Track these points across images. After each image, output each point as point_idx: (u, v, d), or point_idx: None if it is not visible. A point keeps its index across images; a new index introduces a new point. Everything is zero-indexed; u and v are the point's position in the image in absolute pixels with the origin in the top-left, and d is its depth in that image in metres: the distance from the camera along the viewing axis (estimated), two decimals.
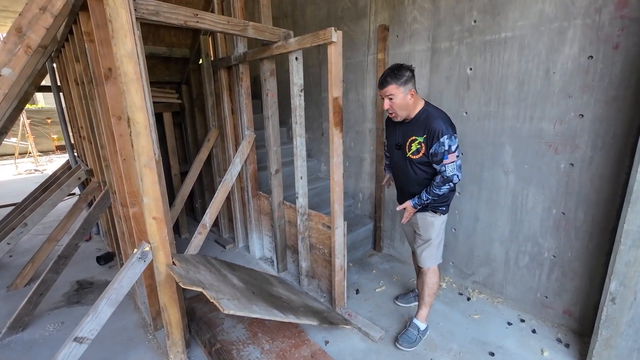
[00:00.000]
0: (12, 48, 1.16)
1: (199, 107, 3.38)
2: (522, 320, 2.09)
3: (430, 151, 1.67)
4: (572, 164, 1.84)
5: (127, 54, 1.37)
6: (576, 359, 1.79)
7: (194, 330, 2.01)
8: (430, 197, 1.72)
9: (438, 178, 1.68)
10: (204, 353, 1.87)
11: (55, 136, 9.72)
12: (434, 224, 1.84)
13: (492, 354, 1.83)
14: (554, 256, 2.00)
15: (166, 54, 3.10)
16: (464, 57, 2.18)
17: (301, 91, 2.09)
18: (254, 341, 1.94)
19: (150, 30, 2.85)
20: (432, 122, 1.65)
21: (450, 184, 1.67)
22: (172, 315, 1.69)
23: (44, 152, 10.00)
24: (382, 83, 1.67)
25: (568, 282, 1.97)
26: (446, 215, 1.87)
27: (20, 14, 1.17)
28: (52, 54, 3.05)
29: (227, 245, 3.23)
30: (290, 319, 1.67)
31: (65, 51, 2.58)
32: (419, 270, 2.04)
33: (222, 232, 3.45)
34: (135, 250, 1.56)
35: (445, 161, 1.63)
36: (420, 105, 1.73)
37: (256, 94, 2.87)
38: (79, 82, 2.36)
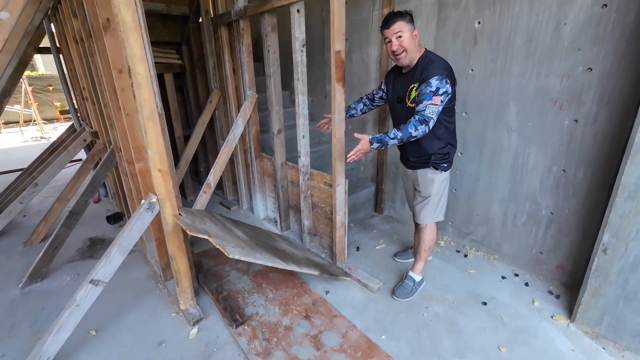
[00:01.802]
0: None
1: (200, 69, 3.32)
2: (516, 275, 2.18)
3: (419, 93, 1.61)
4: (576, 121, 1.82)
5: (125, 1, 1.34)
6: (565, 308, 1.88)
7: (202, 280, 2.13)
8: (400, 134, 1.58)
9: (417, 117, 1.56)
10: (212, 300, 1.99)
11: (58, 104, 9.67)
12: (434, 181, 1.85)
13: (485, 304, 1.93)
14: (552, 213, 2.03)
15: (164, 10, 3.01)
16: (473, 11, 2.09)
17: (303, 46, 2.04)
18: (259, 290, 2.05)
19: None
20: (428, 66, 1.62)
21: (426, 127, 1.55)
22: (181, 264, 1.79)
23: (48, 120, 10.01)
24: (389, 21, 1.61)
25: (564, 238, 2.02)
26: (447, 172, 1.86)
27: None
28: (49, 12, 2.97)
29: (232, 207, 3.31)
30: (292, 267, 1.75)
31: (62, 8, 2.51)
32: (415, 227, 2.09)
33: (227, 194, 3.52)
34: (143, 201, 1.62)
35: (428, 102, 1.54)
36: (421, 52, 1.69)
37: (257, 57, 2.81)
38: (78, 40, 2.33)
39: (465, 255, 2.40)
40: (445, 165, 1.82)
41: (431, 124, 1.56)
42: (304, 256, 2.16)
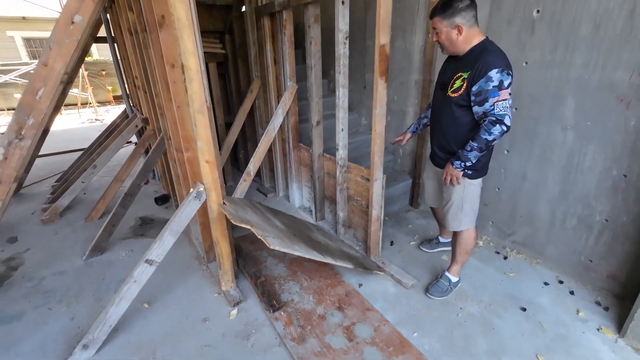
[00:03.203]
0: None
1: (242, 57, 3.39)
2: (561, 282, 2.07)
3: (473, 89, 1.47)
4: None
5: None
6: (614, 321, 1.77)
7: (241, 264, 2.25)
8: (475, 145, 1.51)
9: (487, 120, 1.46)
10: (250, 284, 2.11)
11: (110, 87, 10.36)
12: (456, 186, 1.72)
13: (524, 309, 1.87)
14: (607, 220, 1.89)
15: (209, 1, 3.08)
16: None
17: (346, 39, 2.02)
18: (294, 278, 2.13)
19: None
20: (483, 56, 1.46)
21: (503, 126, 1.44)
22: (224, 248, 1.90)
23: (101, 103, 10.79)
24: (431, 13, 1.56)
25: (618, 247, 1.88)
26: (477, 180, 1.72)
27: None
28: (106, 4, 3.16)
29: (269, 194, 3.42)
30: (328, 260, 1.80)
31: (119, 1, 2.66)
32: (442, 225, 2.07)
33: (264, 181, 3.64)
34: (192, 190, 1.73)
35: (495, 99, 1.42)
36: (477, 40, 1.52)
37: (297, 44, 2.81)
38: (133, 32, 2.47)
39: (505, 257, 2.31)
40: (470, 172, 1.67)
41: (507, 121, 1.44)
42: (338, 248, 2.21)
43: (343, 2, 1.92)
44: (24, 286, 2.19)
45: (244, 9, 3.05)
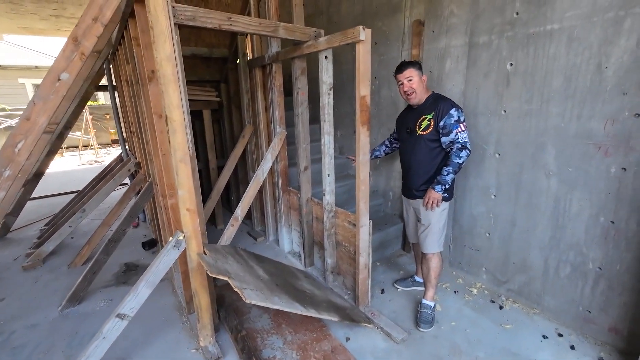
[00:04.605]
0: (69, 55, 1.31)
1: (236, 105, 3.52)
2: (560, 335, 1.95)
3: (440, 124, 1.89)
4: (625, 169, 1.67)
5: (167, 57, 1.48)
6: None
7: (223, 316, 2.14)
8: (450, 169, 1.87)
9: (454, 147, 1.87)
10: (230, 338, 1.98)
11: (112, 130, 10.65)
12: (434, 210, 1.99)
13: None
14: (600, 268, 1.83)
15: (206, 54, 3.27)
16: (505, 52, 2.05)
17: (330, 89, 2.10)
18: (278, 331, 2.01)
19: (192, 32, 3.03)
20: (440, 101, 1.93)
21: (467, 150, 1.86)
22: (203, 300, 1.82)
23: (103, 145, 11.02)
24: (401, 68, 1.95)
25: (615, 297, 1.80)
26: (447, 204, 2.02)
27: (76, 25, 1.32)
28: (109, 56, 3.35)
29: (259, 237, 3.36)
30: (311, 312, 1.71)
31: (119, 54, 2.83)
32: (421, 257, 2.22)
33: (255, 224, 3.59)
34: (171, 238, 1.69)
35: (456, 130, 1.86)
36: (428, 93, 2.01)
37: (289, 91, 2.93)
38: (129, 82, 2.59)
39: (501, 307, 2.20)
40: (447, 195, 1.98)
41: (469, 146, 1.88)
42: (325, 298, 2.11)
43: (326, 57, 2.03)
44: None
45: (238, 61, 3.23)
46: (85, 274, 2.38)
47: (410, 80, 1.93)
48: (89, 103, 10.51)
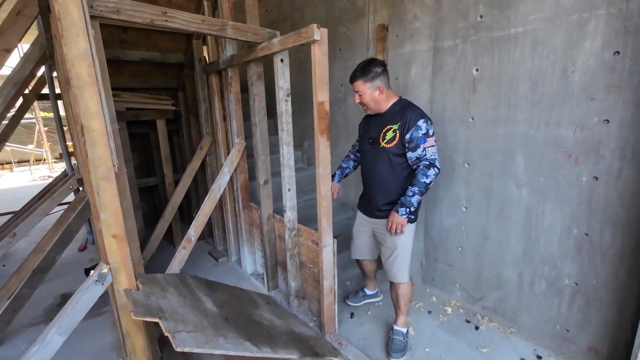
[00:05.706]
0: None
1: (194, 114, 3.27)
2: (539, 357, 1.81)
3: (406, 137, 1.66)
4: (596, 177, 1.58)
5: (80, 55, 1.24)
6: None
7: (166, 358, 1.84)
8: (416, 189, 1.64)
9: (421, 165, 1.64)
10: None
11: (70, 143, 9.95)
12: (399, 235, 1.76)
13: None
14: (576, 283, 1.72)
15: (159, 59, 3.01)
16: (470, 57, 1.96)
17: (288, 96, 1.92)
18: None
19: (141, 36, 2.77)
20: (407, 110, 1.68)
21: (436, 169, 1.64)
22: (137, 342, 1.53)
23: (60, 159, 10.25)
24: (351, 78, 1.72)
25: (594, 314, 1.69)
26: (414, 224, 1.81)
27: None
28: (49, 61, 3.01)
29: (220, 258, 3.07)
30: (265, 353, 1.47)
31: (55, 57, 2.52)
32: (370, 274, 2.19)
33: (217, 243, 3.30)
34: (92, 272, 1.41)
35: (424, 144, 1.63)
36: (395, 99, 1.76)
37: (249, 102, 2.73)
38: (63, 89, 2.28)
39: (477, 327, 2.05)
40: (413, 217, 1.77)
41: (438, 164, 1.65)
42: (286, 328, 1.87)
43: (282, 60, 1.85)
44: None
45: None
46: (2, 312, 2.01)
47: (361, 95, 1.71)
48: (43, 114, 9.80)
